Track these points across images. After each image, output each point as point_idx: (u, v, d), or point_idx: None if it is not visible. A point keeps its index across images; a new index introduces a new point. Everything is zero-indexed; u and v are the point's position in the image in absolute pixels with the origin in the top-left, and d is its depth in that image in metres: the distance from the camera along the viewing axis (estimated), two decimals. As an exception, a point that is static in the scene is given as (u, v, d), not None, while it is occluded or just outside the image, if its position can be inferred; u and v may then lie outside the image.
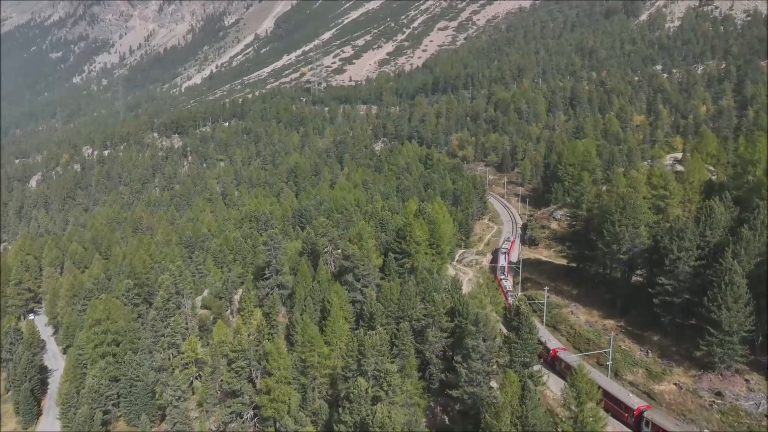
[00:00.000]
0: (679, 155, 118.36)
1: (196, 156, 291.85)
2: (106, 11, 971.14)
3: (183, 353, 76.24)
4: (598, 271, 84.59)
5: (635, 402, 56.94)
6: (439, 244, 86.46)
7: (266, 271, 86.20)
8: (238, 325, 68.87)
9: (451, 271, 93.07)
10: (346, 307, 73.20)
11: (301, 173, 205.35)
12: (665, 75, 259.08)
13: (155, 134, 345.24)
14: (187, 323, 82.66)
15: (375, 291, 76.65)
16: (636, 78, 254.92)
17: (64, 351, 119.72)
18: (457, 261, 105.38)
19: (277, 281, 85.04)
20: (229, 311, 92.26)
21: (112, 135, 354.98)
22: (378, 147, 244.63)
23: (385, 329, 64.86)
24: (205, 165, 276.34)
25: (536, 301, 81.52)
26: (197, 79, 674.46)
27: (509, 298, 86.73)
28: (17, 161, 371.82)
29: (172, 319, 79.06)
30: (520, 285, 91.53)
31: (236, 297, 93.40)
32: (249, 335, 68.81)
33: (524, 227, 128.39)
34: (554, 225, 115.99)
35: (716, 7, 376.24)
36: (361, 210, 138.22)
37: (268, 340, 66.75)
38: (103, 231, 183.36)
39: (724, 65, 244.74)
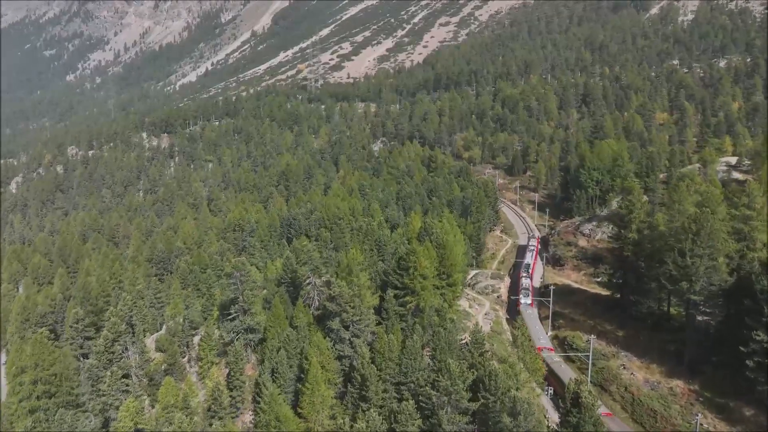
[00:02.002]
0: (733, 159, 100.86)
1: (183, 157, 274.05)
2: (101, 8, 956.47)
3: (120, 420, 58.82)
4: (652, 309, 67.16)
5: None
6: (450, 273, 69.04)
7: (232, 310, 68.65)
8: (187, 390, 51.48)
9: (463, 304, 75.69)
10: (330, 366, 55.83)
11: (293, 176, 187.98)
12: (684, 70, 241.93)
13: (144, 134, 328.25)
14: (131, 375, 65.26)
15: (369, 339, 59.33)
16: (653, 73, 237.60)
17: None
18: (469, 286, 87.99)
19: (244, 324, 67.53)
20: (186, 357, 74.97)
21: (99, 134, 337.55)
22: (376, 147, 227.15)
23: (382, 401, 47.46)
24: (192, 166, 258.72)
25: (575, 348, 64.10)
26: (192, 77, 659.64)
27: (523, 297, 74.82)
28: (1, 162, 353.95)
29: (110, 372, 61.63)
30: (549, 322, 74.04)
31: (198, 339, 75.82)
32: (208, 394, 51.59)
33: (545, 241, 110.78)
34: (582, 242, 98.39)
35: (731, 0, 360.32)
36: (356, 220, 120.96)
37: (225, 411, 49.28)
38: (73, 241, 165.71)
39: (749, 59, 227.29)
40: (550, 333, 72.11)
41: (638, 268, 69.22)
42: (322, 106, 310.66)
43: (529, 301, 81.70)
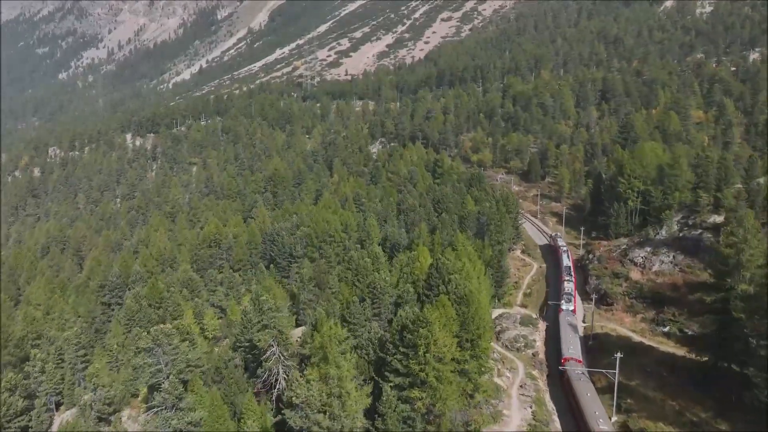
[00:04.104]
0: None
1: (165, 159, 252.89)
2: (95, 5, 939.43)
3: None
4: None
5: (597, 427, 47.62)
6: (476, 339, 47.68)
7: (155, 399, 47.26)
8: None
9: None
10: None
11: (281, 182, 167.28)
12: (713, 63, 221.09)
13: (128, 134, 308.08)
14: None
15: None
16: (679, 67, 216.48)
17: None
18: (494, 336, 66.92)
19: (169, 423, 45.90)
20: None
21: (82, 135, 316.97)
22: (375, 149, 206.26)
23: None
24: (174, 170, 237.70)
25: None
26: (186, 75, 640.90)
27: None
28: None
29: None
30: (614, 402, 52.61)
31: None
32: None
33: (582, 268, 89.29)
34: (635, 273, 77.00)
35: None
36: (349, 238, 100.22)
37: None
38: (27, 258, 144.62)
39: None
40: (614, 418, 51.22)
41: (743, 326, 48.25)
42: (318, 104, 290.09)
43: (572, 307, 74.15)
